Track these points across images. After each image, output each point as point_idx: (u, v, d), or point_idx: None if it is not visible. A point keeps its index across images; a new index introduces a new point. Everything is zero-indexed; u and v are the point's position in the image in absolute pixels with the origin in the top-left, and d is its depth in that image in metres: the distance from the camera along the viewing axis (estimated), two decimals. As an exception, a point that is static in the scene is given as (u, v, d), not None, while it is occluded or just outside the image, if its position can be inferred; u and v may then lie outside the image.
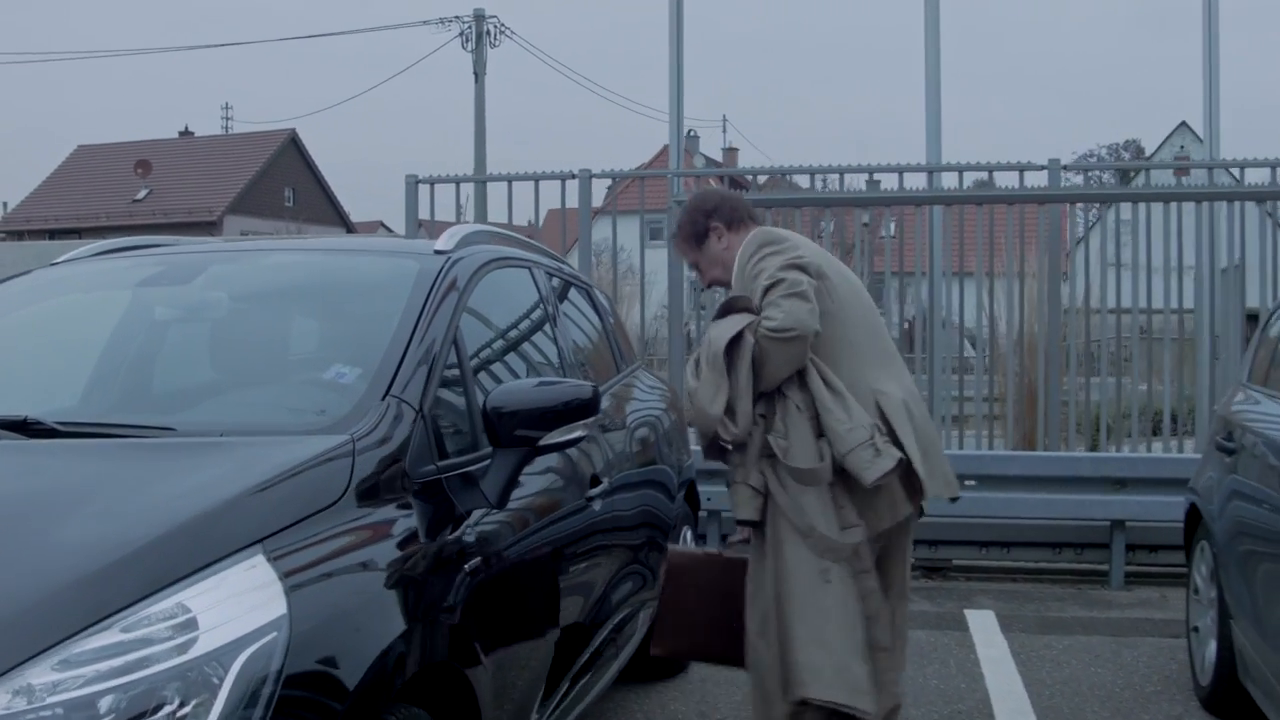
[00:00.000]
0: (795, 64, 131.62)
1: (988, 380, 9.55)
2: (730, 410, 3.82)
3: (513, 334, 4.39)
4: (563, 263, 5.48)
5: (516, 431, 3.35)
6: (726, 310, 3.93)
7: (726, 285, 4.23)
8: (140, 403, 3.66)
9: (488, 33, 35.17)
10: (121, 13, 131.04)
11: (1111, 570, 8.09)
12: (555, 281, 4.93)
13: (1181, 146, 43.87)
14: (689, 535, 6.11)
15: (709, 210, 4.32)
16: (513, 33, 45.22)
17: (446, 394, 3.40)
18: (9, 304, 4.11)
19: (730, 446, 3.95)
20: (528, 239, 5.18)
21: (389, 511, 2.91)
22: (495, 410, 3.33)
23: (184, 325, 4.05)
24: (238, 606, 2.34)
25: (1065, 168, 8.90)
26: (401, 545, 2.86)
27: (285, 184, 57.04)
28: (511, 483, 3.39)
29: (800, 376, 3.88)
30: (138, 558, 2.36)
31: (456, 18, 35.67)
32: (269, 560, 2.46)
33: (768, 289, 3.86)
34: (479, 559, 3.15)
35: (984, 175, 9.19)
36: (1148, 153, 44.32)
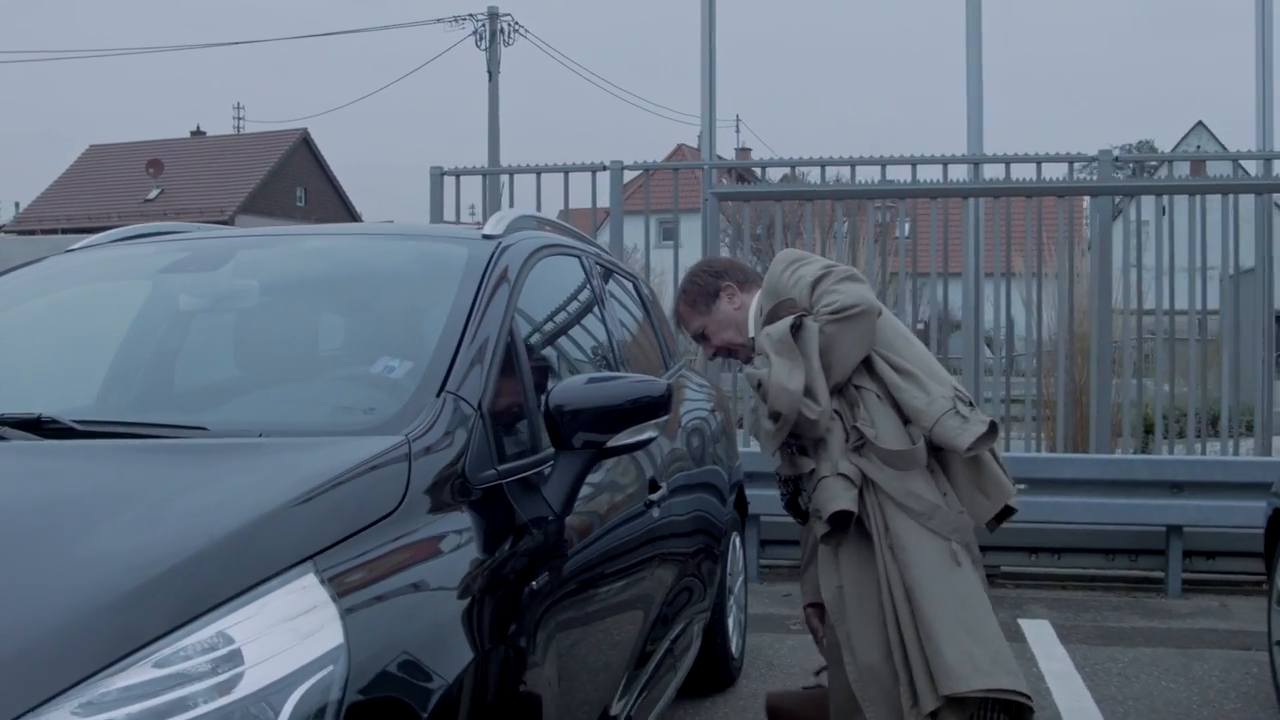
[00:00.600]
0: (808, 67, 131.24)
1: (1034, 381, 9.21)
2: (808, 392, 3.57)
3: (567, 326, 4.06)
4: (604, 252, 5.17)
5: (582, 433, 3.00)
6: (774, 317, 3.70)
7: (738, 351, 4.03)
8: (166, 400, 3.32)
9: (501, 31, 34.99)
10: (133, 12, 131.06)
11: (1168, 578, 7.77)
12: (603, 271, 4.61)
13: (1198, 146, 43.55)
14: (738, 543, 5.80)
15: (718, 271, 4.14)
16: (526, 31, 45.07)
17: (504, 391, 3.07)
18: (21, 293, 3.79)
19: (793, 451, 3.67)
20: (572, 226, 4.85)
21: (449, 522, 2.57)
22: (558, 409, 2.99)
23: (211, 316, 3.71)
24: (288, 635, 2.01)
25: (1117, 159, 8.54)
26: (465, 561, 2.53)
27: (297, 184, 56.82)
28: (576, 488, 3.04)
29: (868, 368, 3.67)
30: (171, 578, 2.02)
31: (470, 16, 35.48)
32: (321, 580, 2.12)
33: (815, 283, 3.67)
34: (546, 575, 2.82)
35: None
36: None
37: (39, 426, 2.68)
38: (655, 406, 3.09)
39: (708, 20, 9.86)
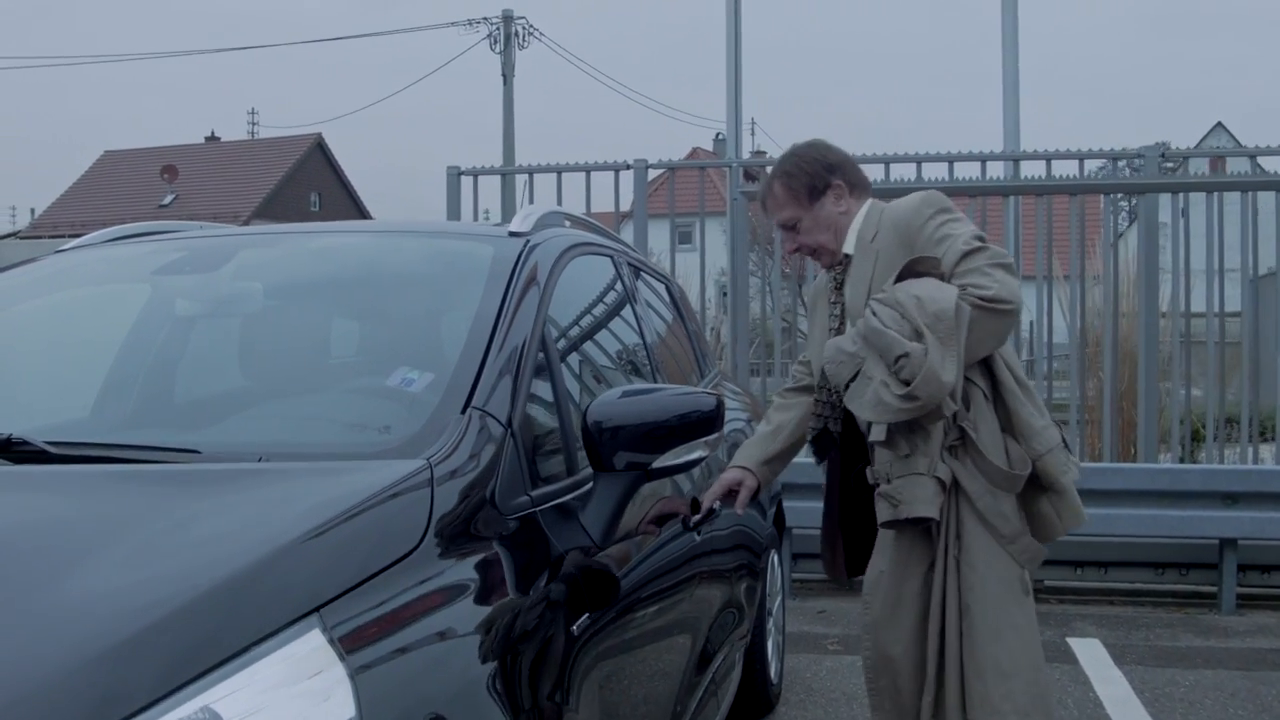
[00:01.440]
0: (817, 70, 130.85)
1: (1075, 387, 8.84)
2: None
3: (602, 333, 3.70)
4: (632, 251, 4.82)
5: (624, 453, 2.65)
6: (911, 272, 3.30)
7: (822, 255, 3.62)
8: (155, 417, 2.95)
9: (516, 34, 34.81)
10: (146, 18, 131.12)
11: (1221, 593, 7.40)
12: (634, 272, 4.26)
13: (1217, 148, 43.11)
14: (776, 560, 5.45)
15: (832, 164, 3.61)
16: (541, 34, 44.67)
17: (536, 406, 2.73)
18: (7, 297, 3.45)
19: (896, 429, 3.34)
20: (600, 225, 4.50)
21: (478, 561, 2.22)
22: (597, 426, 2.63)
23: (209, 322, 3.36)
24: (290, 707, 1.65)
25: (1163, 155, 8.17)
26: (498, 608, 2.17)
27: (311, 189, 56.61)
28: (618, 515, 2.69)
29: (986, 364, 3.34)
30: (147, 640, 1.66)
31: (485, 19, 35.27)
32: (329, 639, 1.77)
33: (967, 254, 3.28)
34: (587, 617, 2.47)
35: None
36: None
37: (9, 449, 2.33)
38: (705, 423, 2.74)
39: (733, 16, 9.53)
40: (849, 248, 3.54)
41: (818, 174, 3.57)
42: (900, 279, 3.29)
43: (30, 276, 3.57)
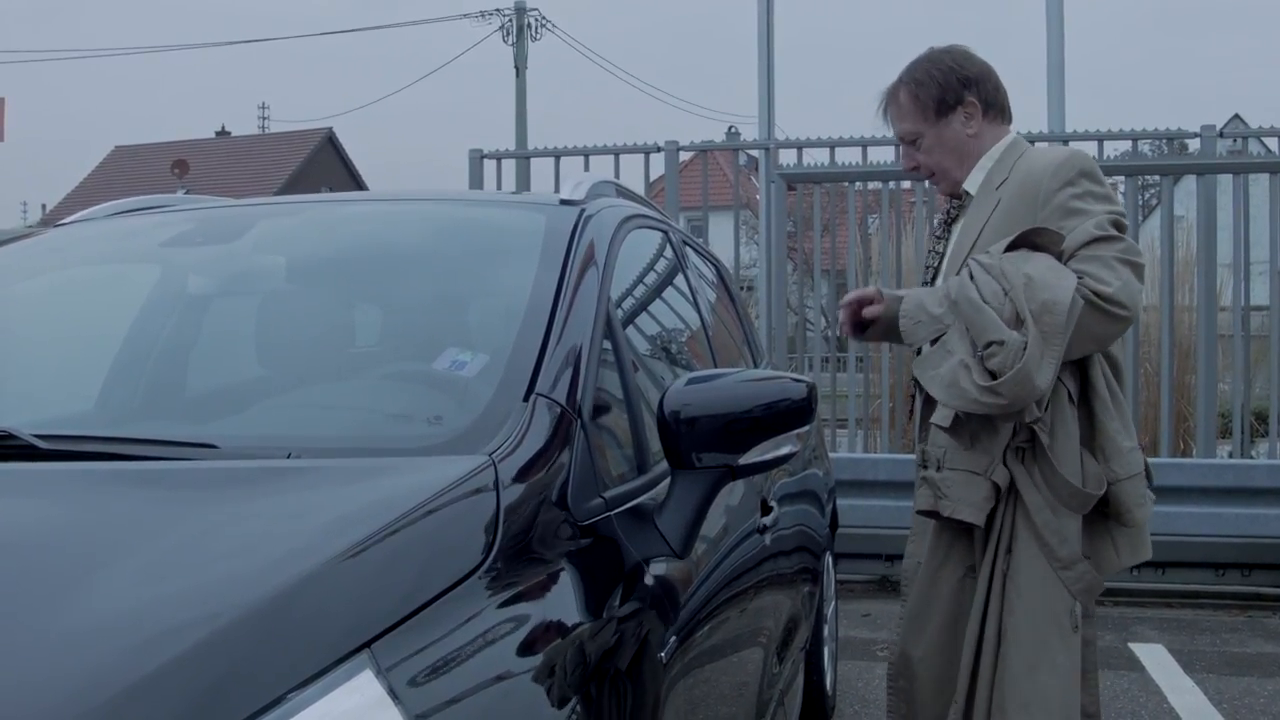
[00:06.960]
0: (825, 64, 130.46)
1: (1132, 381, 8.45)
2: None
3: (664, 315, 3.31)
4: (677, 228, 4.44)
5: (708, 448, 2.26)
6: (1027, 243, 2.88)
7: (944, 181, 3.23)
8: (167, 408, 2.55)
9: (528, 26, 34.56)
10: (157, 13, 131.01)
11: (1287, 595, 7.03)
12: (689, 251, 3.90)
13: (1234, 141, 42.69)
14: (830, 562, 5.08)
15: (969, 78, 3.16)
16: (554, 26, 44.38)
17: (601, 393, 2.36)
18: (6, 275, 3.08)
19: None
20: (645, 198, 4.12)
21: (553, 577, 1.85)
22: (675, 417, 2.23)
23: (227, 301, 2.96)
24: None
25: (1221, 134, 7.78)
26: (580, 635, 1.80)
27: (322, 183, 56.20)
28: (699, 520, 2.30)
29: (1080, 362, 2.93)
30: (155, 689, 1.29)
31: (497, 11, 35.00)
32: (384, 683, 1.41)
33: (1098, 239, 2.86)
34: (675, 640, 2.10)
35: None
36: (1193, 147, 43.45)
37: None
38: (796, 413, 2.35)
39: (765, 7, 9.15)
40: (972, 185, 3.15)
41: (950, 87, 3.14)
42: (1013, 247, 2.88)
43: (26, 253, 3.22)
